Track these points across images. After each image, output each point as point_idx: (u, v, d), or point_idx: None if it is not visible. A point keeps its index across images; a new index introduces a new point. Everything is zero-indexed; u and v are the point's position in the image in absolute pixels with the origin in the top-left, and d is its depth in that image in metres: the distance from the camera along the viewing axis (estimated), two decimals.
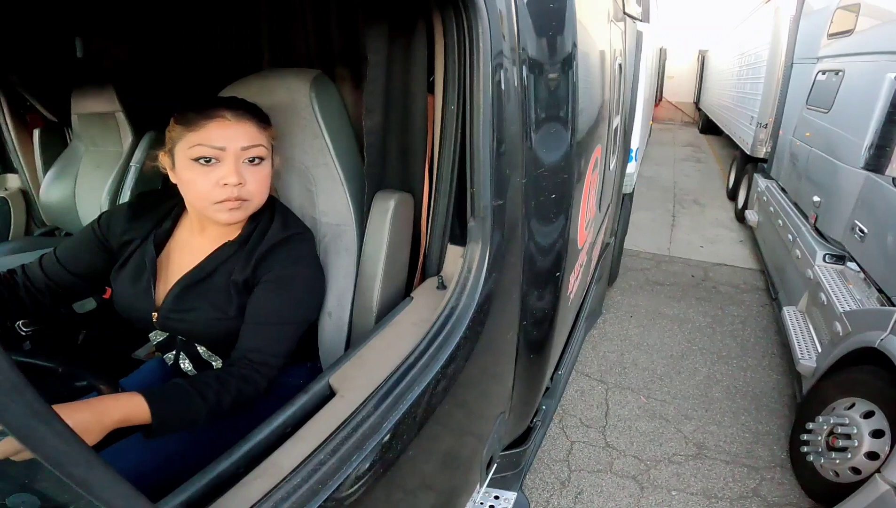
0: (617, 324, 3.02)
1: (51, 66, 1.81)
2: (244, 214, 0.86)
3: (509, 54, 0.85)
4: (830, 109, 2.83)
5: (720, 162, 7.71)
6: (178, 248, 0.95)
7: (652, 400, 2.37)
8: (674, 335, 2.92)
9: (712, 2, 10.76)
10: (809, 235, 2.71)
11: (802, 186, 3.13)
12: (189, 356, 0.97)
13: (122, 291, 0.93)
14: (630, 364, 2.64)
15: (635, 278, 3.67)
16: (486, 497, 1.31)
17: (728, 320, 3.10)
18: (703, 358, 2.70)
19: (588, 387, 2.46)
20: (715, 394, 2.42)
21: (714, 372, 2.59)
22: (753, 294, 3.46)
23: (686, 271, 3.80)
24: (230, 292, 0.88)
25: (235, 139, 0.81)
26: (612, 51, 1.65)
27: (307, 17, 1.13)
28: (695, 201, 5.70)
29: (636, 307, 3.21)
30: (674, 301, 3.31)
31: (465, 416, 0.95)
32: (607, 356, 2.71)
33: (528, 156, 0.95)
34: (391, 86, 0.94)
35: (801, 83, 3.66)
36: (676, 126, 12.02)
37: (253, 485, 0.56)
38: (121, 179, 1.79)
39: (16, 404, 0.32)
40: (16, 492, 0.36)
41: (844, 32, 2.92)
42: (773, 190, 3.78)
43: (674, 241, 4.44)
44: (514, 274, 1.01)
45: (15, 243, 1.97)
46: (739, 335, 2.94)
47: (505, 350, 1.08)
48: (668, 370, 2.59)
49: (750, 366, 2.65)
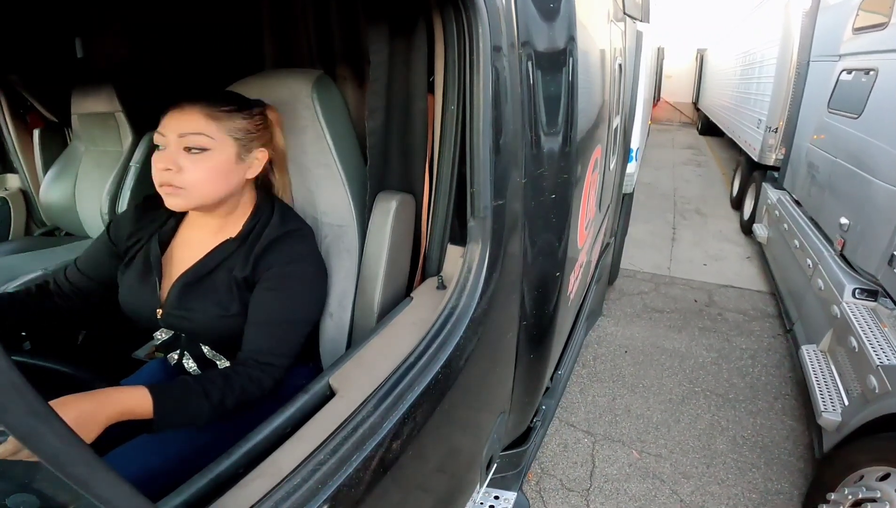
0: (609, 361, 2.67)
1: (51, 66, 1.81)
2: (185, 202, 0.83)
3: (509, 54, 0.85)
4: (861, 114, 2.40)
5: (722, 166, 7.42)
6: (180, 245, 0.95)
7: (645, 455, 2.05)
8: (674, 373, 2.57)
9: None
10: (835, 263, 2.29)
11: (825, 204, 2.69)
12: (193, 356, 0.97)
13: (127, 289, 0.94)
14: (622, 411, 2.30)
15: (632, 304, 3.29)
16: (486, 497, 1.31)
17: (735, 354, 2.74)
18: (707, 402, 2.37)
19: (573, 440, 2.12)
20: (719, 446, 2.09)
21: (718, 419, 2.25)
22: (763, 322, 3.08)
23: (688, 295, 3.42)
24: (232, 289, 0.88)
25: (174, 127, 0.81)
26: (612, 51, 1.65)
27: (308, 17, 1.13)
28: (696, 211, 5.32)
29: (632, 341, 2.85)
30: (674, 332, 2.95)
31: (465, 416, 0.95)
32: (596, 401, 2.37)
33: (528, 156, 0.95)
34: (393, 86, 0.94)
35: (819, 84, 3.21)
36: (675, 127, 11.88)
37: (253, 485, 0.56)
38: (121, 179, 1.79)
39: (16, 404, 0.32)
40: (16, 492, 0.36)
41: (876, 26, 2.49)
42: (787, 204, 3.34)
43: (674, 258, 4.06)
44: (514, 274, 1.01)
45: (15, 243, 1.97)
46: (748, 372, 2.59)
47: (505, 350, 1.08)
48: (665, 418, 2.26)
49: (760, 410, 2.30)
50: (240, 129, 0.85)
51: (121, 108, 1.73)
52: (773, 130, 3.93)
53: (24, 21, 1.59)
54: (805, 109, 3.53)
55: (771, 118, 3.98)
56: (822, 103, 2.96)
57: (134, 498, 0.41)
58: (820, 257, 2.46)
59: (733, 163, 6.03)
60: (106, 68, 1.76)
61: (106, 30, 1.72)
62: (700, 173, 7.10)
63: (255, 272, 0.88)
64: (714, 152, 8.56)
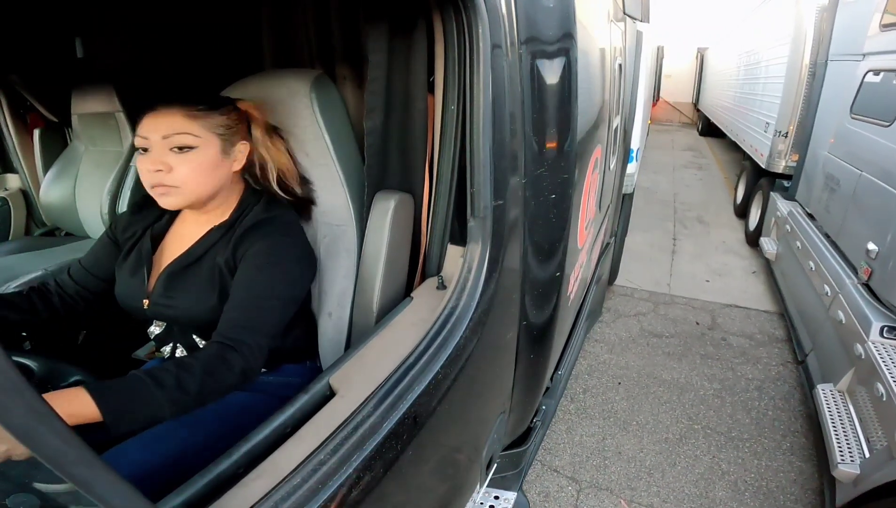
0: (601, 395, 2.40)
1: (51, 66, 1.82)
2: (179, 200, 0.86)
3: (509, 54, 0.85)
4: (893, 122, 2.09)
5: (724, 169, 7.15)
6: (172, 239, 0.98)
7: (635, 506, 1.84)
8: (671, 409, 2.32)
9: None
10: (858, 294, 2.01)
11: (848, 224, 2.38)
12: (186, 347, 0.97)
13: (121, 282, 0.96)
14: (612, 453, 2.04)
15: (628, 327, 2.99)
16: (486, 497, 1.31)
17: (740, 385, 2.48)
18: (707, 441, 2.11)
19: (555, 488, 1.89)
20: (718, 493, 1.88)
21: (719, 461, 2.01)
22: (772, 348, 2.80)
23: (689, 317, 3.14)
24: (214, 276, 0.89)
25: (156, 129, 0.83)
26: (612, 50, 1.65)
27: (308, 17, 1.13)
28: (698, 219, 5.01)
29: (626, 371, 2.58)
30: (673, 360, 2.68)
31: (465, 416, 0.95)
32: (584, 441, 2.10)
33: (528, 156, 0.95)
34: (392, 86, 0.94)
35: (838, 85, 2.87)
36: (675, 127, 11.75)
37: (253, 485, 0.56)
38: (121, 179, 1.79)
39: (16, 404, 0.32)
40: (16, 492, 0.36)
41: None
42: (799, 218, 3.03)
43: (675, 274, 3.77)
44: (514, 274, 1.01)
45: (15, 243, 1.97)
46: (754, 406, 2.33)
47: (505, 350, 1.08)
48: (659, 461, 2.01)
49: (766, 450, 2.05)
50: (220, 124, 0.88)
51: (121, 108, 1.73)
52: (783, 134, 3.67)
53: (24, 21, 1.59)
54: (822, 113, 3.17)
55: (780, 121, 3.71)
56: (842, 107, 2.67)
57: (134, 498, 0.41)
58: (840, 285, 2.15)
59: (736, 166, 5.76)
60: (106, 68, 1.76)
61: (106, 30, 1.72)
62: (701, 177, 6.85)
63: (235, 256, 0.89)
64: (715, 155, 8.32)
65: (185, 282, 0.91)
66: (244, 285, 0.86)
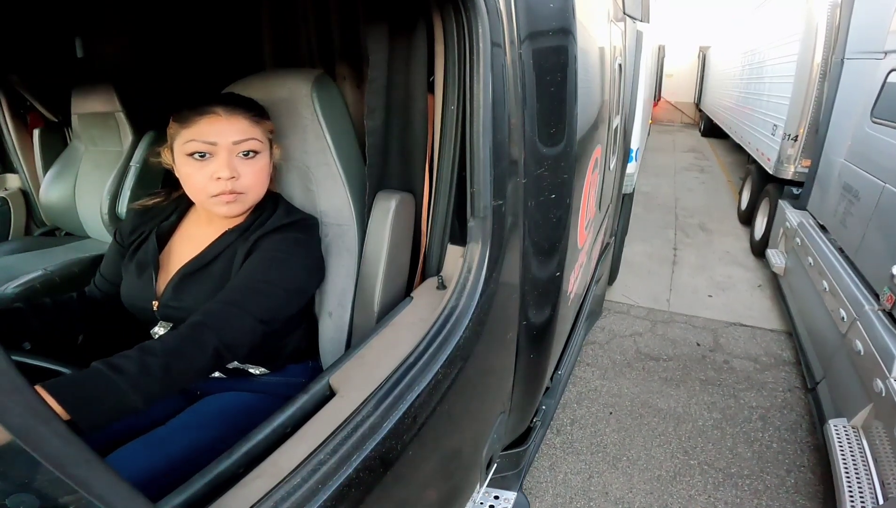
0: (590, 426, 2.18)
1: (51, 66, 1.82)
2: (242, 207, 0.88)
3: (509, 54, 0.85)
4: None
5: (727, 172, 6.94)
6: (181, 240, 0.97)
7: None
8: (666, 441, 2.11)
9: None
10: (880, 323, 1.80)
11: (868, 243, 2.16)
12: None
13: (127, 283, 0.96)
14: (598, 494, 1.86)
15: (622, 349, 2.78)
16: (486, 497, 1.31)
17: (743, 415, 2.27)
18: (703, 479, 1.92)
19: None
20: None
21: (715, 501, 1.83)
22: (778, 371, 2.59)
23: (689, 337, 2.92)
24: (227, 278, 0.89)
25: (226, 134, 0.83)
26: (611, 50, 1.65)
27: (308, 17, 1.13)
28: (700, 227, 4.77)
29: (619, 398, 2.38)
30: (670, 387, 2.46)
31: (465, 416, 0.95)
32: (569, 479, 1.91)
33: (528, 156, 0.95)
34: (392, 85, 0.94)
35: (856, 86, 2.65)
36: (676, 128, 11.63)
37: (253, 485, 0.56)
38: (121, 179, 1.79)
39: (16, 404, 0.32)
40: (16, 492, 0.36)
41: None
42: (811, 230, 2.80)
43: (675, 288, 3.54)
44: (514, 274, 1.01)
45: (15, 243, 1.97)
46: (757, 438, 2.12)
47: (505, 350, 1.08)
48: (650, 502, 1.83)
49: (768, 488, 1.86)
50: (269, 130, 0.91)
51: (121, 108, 1.73)
52: (792, 137, 3.43)
53: (24, 21, 1.59)
54: (837, 116, 2.90)
55: (789, 124, 3.46)
56: (862, 110, 2.43)
57: (134, 498, 0.41)
58: (859, 311, 1.95)
59: (739, 168, 5.52)
60: (106, 68, 1.77)
61: (106, 30, 1.72)
62: (703, 180, 6.60)
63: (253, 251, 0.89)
64: (718, 157, 8.12)
65: (197, 284, 0.90)
66: (244, 271, 0.85)
